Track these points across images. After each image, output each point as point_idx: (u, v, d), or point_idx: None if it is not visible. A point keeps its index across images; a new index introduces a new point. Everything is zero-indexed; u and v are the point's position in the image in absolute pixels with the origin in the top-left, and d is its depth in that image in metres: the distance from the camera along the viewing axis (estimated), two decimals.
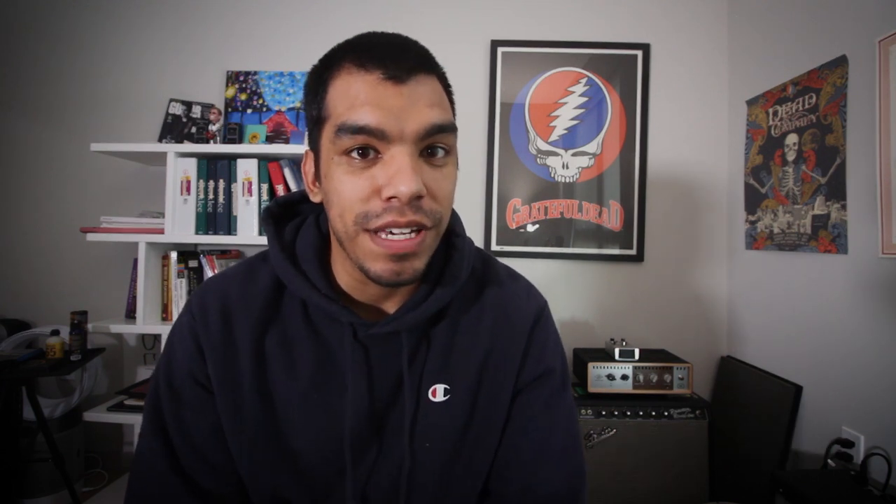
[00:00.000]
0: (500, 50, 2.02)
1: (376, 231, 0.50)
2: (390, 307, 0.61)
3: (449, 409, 0.60)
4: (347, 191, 0.50)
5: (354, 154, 0.49)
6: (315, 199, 0.58)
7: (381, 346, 0.59)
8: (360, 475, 0.59)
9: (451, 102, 0.56)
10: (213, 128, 1.85)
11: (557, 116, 2.01)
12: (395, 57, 0.49)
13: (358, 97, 0.48)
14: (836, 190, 1.40)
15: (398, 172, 0.47)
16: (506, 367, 0.63)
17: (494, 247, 2.01)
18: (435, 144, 0.51)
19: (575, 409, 0.68)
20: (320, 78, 0.53)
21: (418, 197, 0.49)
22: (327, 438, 0.58)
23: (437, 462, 0.60)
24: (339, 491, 0.59)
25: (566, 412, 0.66)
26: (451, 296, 0.60)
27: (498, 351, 0.63)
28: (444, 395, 0.60)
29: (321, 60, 0.54)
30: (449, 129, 0.51)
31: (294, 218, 0.65)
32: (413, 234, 0.50)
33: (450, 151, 0.53)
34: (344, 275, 0.59)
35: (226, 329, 0.59)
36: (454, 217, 0.63)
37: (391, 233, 0.49)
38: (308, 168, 0.58)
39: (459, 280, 0.60)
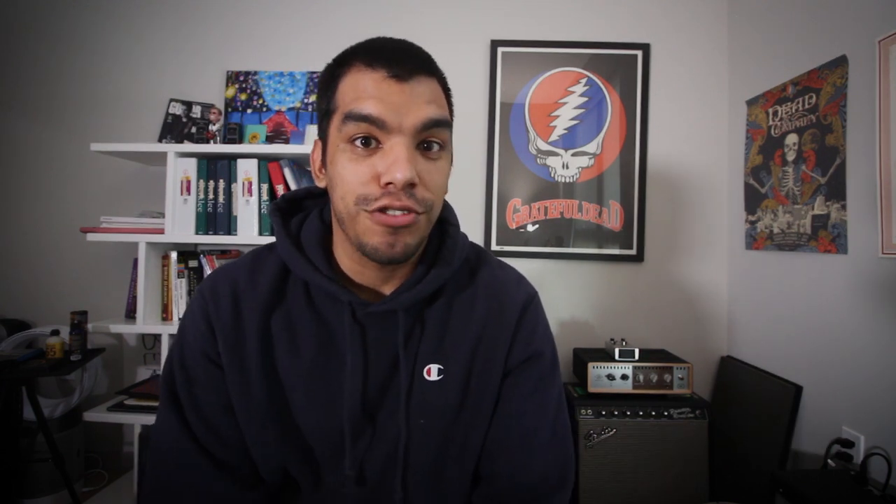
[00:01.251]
0: (500, 50, 2.02)
1: (373, 211, 0.54)
2: (388, 290, 0.64)
3: (443, 389, 0.63)
4: (350, 175, 0.55)
5: (358, 143, 0.54)
6: (321, 184, 0.62)
7: (378, 325, 0.63)
8: (357, 452, 0.62)
9: (450, 104, 0.61)
10: (213, 128, 1.85)
11: (557, 116, 2.01)
12: (400, 58, 0.54)
13: (365, 91, 0.54)
14: (836, 190, 1.40)
15: (395, 161, 0.53)
16: (496, 351, 0.66)
17: (494, 247, 2.01)
18: (430, 139, 0.56)
19: (564, 396, 0.71)
20: (332, 74, 0.58)
21: (412, 185, 0.54)
22: (328, 416, 0.61)
23: (433, 440, 0.63)
24: (339, 467, 0.62)
25: (555, 397, 0.69)
26: (445, 278, 0.64)
27: (488, 336, 0.66)
28: (438, 375, 0.64)
29: (335, 59, 0.59)
30: (444, 123, 0.56)
31: (298, 213, 0.69)
32: (406, 213, 0.55)
33: (444, 147, 0.58)
34: (345, 258, 0.63)
35: (235, 312, 0.63)
36: (448, 209, 0.68)
37: (387, 211, 0.54)
38: (316, 156, 0.63)
39: (452, 264, 0.65)
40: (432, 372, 0.63)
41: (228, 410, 0.62)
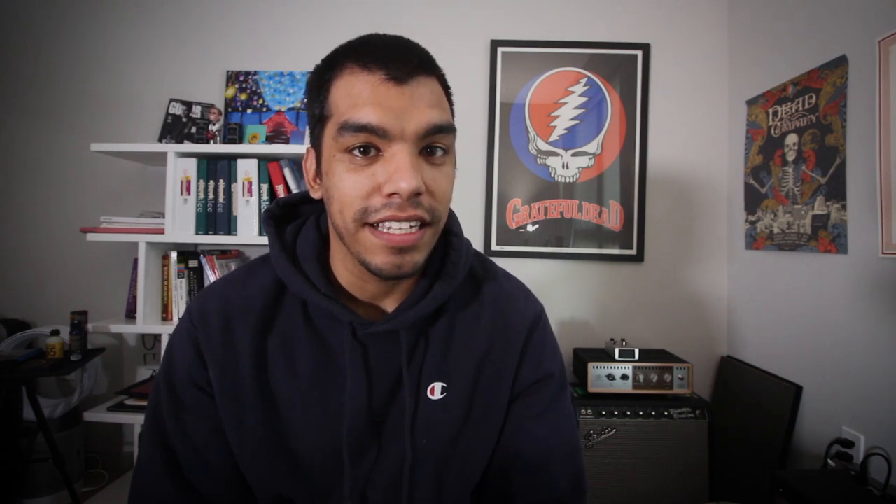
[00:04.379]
0: (500, 50, 2.02)
1: (376, 224, 0.51)
2: (389, 305, 0.61)
3: (446, 407, 0.61)
4: (348, 187, 0.51)
5: (356, 151, 0.50)
6: (315, 195, 0.59)
7: (380, 344, 0.60)
8: (360, 474, 0.59)
9: (451, 103, 0.57)
10: (213, 128, 1.85)
11: (557, 116, 2.01)
12: (397, 58, 0.50)
13: (361, 96, 0.50)
14: (836, 190, 1.40)
15: (399, 170, 0.49)
16: (502, 367, 0.64)
17: (494, 247, 2.01)
18: (434, 144, 0.52)
19: (574, 413, 0.69)
20: (323, 77, 0.54)
21: (417, 194, 0.50)
22: (327, 438, 0.59)
23: (435, 459, 0.61)
24: (341, 490, 0.59)
25: (566, 416, 0.67)
26: (449, 294, 0.61)
27: (495, 350, 0.64)
28: (442, 393, 0.61)
29: (324, 60, 0.55)
30: (448, 129, 0.53)
31: (294, 219, 0.66)
32: (413, 229, 0.51)
33: (448, 151, 0.54)
34: (344, 272, 0.60)
35: (226, 333, 0.60)
36: (452, 217, 0.64)
37: (391, 227, 0.50)
38: (309, 165, 0.59)
39: (456, 278, 0.61)
40: (435, 390, 0.61)
41: (217, 435, 0.60)
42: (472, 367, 0.62)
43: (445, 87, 0.56)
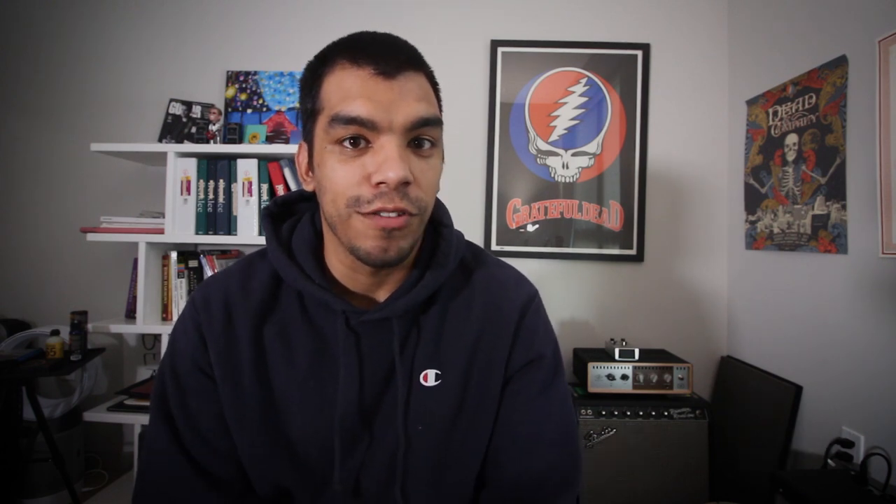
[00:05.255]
0: (500, 50, 2.02)
1: (367, 214, 0.53)
2: (381, 296, 0.63)
3: (441, 394, 0.62)
4: (339, 177, 0.53)
5: (346, 143, 0.52)
6: (308, 187, 0.61)
7: (373, 333, 0.61)
8: (353, 462, 0.61)
9: (439, 99, 0.59)
10: (213, 128, 1.85)
11: (557, 116, 2.01)
12: (386, 54, 0.52)
13: (351, 90, 0.52)
14: (836, 190, 1.40)
15: (387, 160, 0.51)
16: (495, 352, 0.65)
17: (494, 247, 2.01)
18: (421, 136, 0.54)
19: (569, 396, 0.69)
20: (315, 73, 0.56)
21: (405, 183, 0.52)
22: (322, 426, 0.60)
23: (431, 446, 0.62)
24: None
25: (559, 398, 0.67)
26: (440, 282, 0.62)
27: (487, 337, 0.65)
28: (436, 380, 0.62)
29: (316, 57, 0.57)
30: (434, 122, 0.54)
31: (291, 216, 0.68)
32: (401, 216, 0.53)
33: (435, 144, 0.56)
34: (337, 264, 0.61)
35: (227, 321, 0.62)
36: (442, 209, 0.66)
37: (379, 214, 0.52)
38: (302, 159, 0.61)
39: (447, 267, 0.63)
40: (429, 377, 0.62)
41: (222, 420, 0.61)
42: (465, 354, 0.63)
43: (433, 84, 0.58)
